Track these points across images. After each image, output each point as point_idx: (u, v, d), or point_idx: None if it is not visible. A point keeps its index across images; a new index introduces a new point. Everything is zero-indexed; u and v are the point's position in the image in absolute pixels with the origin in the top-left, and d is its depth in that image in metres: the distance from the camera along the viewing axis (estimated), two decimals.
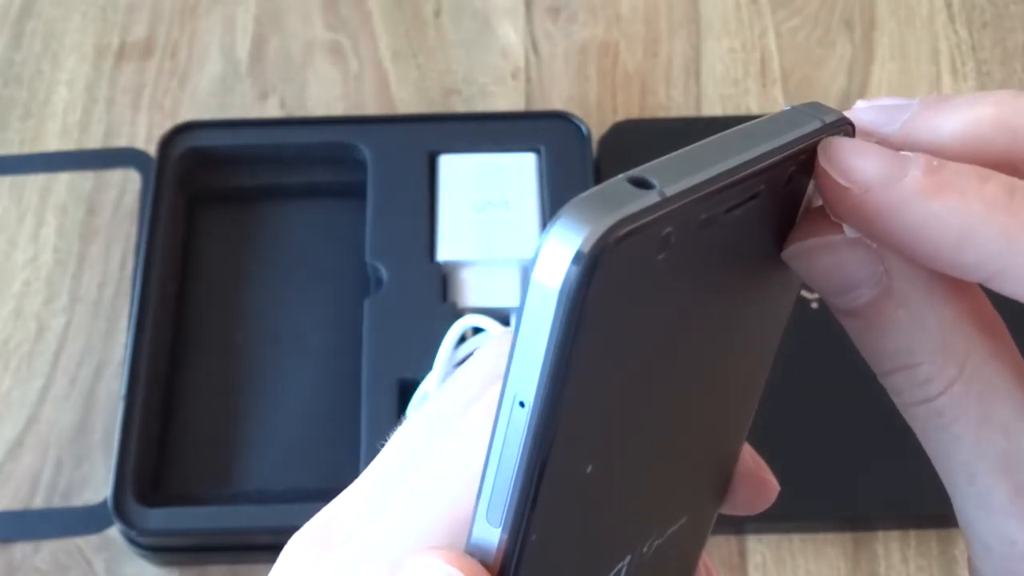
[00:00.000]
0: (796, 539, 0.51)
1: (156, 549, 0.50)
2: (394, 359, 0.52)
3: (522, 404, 0.17)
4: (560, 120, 0.59)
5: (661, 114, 0.63)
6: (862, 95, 0.64)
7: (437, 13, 0.67)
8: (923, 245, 0.19)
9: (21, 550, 0.51)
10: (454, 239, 0.55)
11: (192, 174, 0.59)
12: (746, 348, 0.23)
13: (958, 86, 0.64)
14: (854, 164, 0.20)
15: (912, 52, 0.65)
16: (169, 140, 0.58)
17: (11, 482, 0.53)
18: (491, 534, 0.19)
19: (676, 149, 0.19)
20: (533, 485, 0.18)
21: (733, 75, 0.64)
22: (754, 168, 0.18)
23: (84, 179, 0.61)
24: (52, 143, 0.62)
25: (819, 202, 0.21)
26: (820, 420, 0.51)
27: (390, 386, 0.51)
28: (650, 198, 0.16)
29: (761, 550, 0.51)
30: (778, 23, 0.66)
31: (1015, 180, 0.19)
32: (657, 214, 0.16)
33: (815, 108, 0.20)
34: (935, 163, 0.19)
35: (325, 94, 0.64)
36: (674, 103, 0.63)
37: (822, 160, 0.20)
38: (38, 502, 0.52)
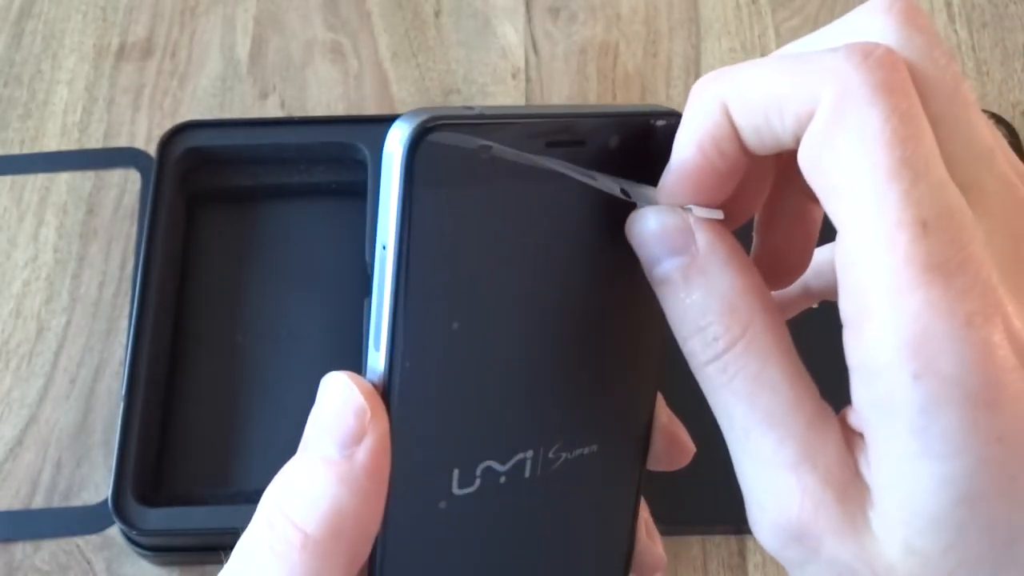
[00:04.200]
0: None
1: (156, 549, 0.50)
2: None
3: (384, 247, 0.23)
4: None
5: None
6: None
7: (437, 13, 0.67)
8: (707, 135, 0.24)
9: (21, 550, 0.51)
10: None
11: (192, 174, 0.59)
12: (618, 294, 0.27)
13: None
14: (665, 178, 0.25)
15: None
16: (169, 140, 0.58)
17: (11, 482, 0.53)
18: (374, 358, 0.23)
19: None
20: (399, 311, 0.23)
21: None
22: (563, 117, 0.25)
23: (84, 179, 0.61)
24: (52, 143, 0.62)
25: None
26: None
27: None
28: (468, 111, 0.23)
29: (761, 550, 0.51)
30: (778, 23, 0.66)
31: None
32: (469, 121, 0.23)
33: (656, 106, 0.27)
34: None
35: (325, 94, 0.64)
36: (674, 103, 0.63)
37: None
38: (38, 502, 0.52)
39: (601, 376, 0.27)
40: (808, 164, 0.22)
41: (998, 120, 0.62)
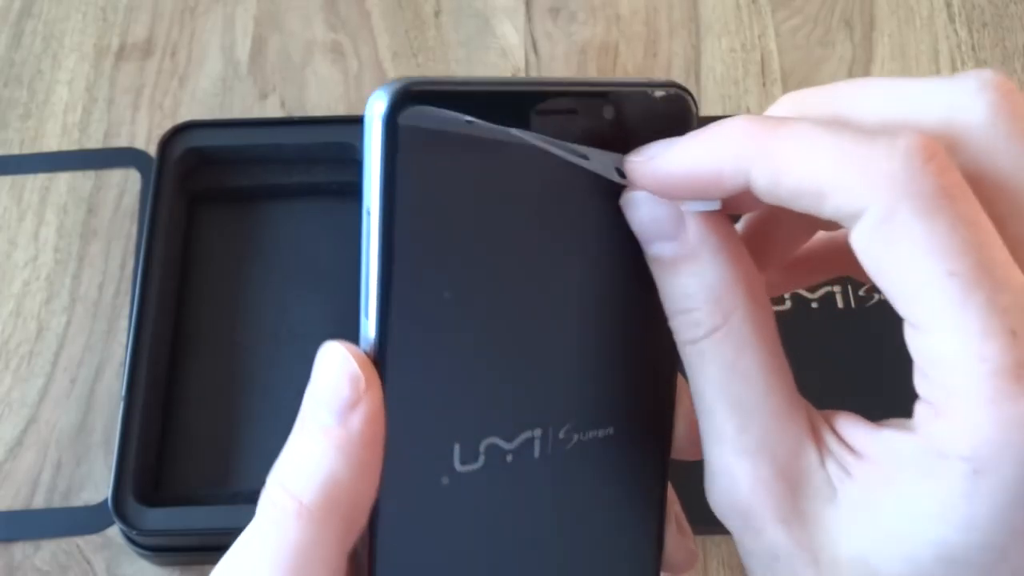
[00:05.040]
0: None
1: (156, 549, 0.50)
2: None
3: (368, 213, 0.23)
4: None
5: None
6: None
7: (437, 13, 0.67)
8: (699, 169, 0.24)
9: (21, 550, 0.51)
10: None
11: (192, 174, 0.59)
12: (627, 268, 0.26)
13: None
14: (643, 149, 0.25)
15: (912, 52, 0.65)
16: (169, 140, 0.58)
17: (11, 482, 0.53)
18: (365, 326, 0.24)
19: None
20: (384, 277, 0.23)
21: (733, 75, 0.64)
22: (553, 85, 0.25)
23: (84, 179, 0.61)
24: (52, 143, 0.62)
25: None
26: None
27: None
28: (450, 79, 0.23)
29: None
30: (778, 23, 0.66)
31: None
32: (451, 87, 0.23)
33: (657, 78, 0.26)
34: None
35: (325, 94, 0.64)
36: None
37: (628, 167, 0.25)
38: (38, 502, 0.52)
39: (613, 355, 0.27)
40: (869, 262, 0.22)
41: None
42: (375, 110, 0.23)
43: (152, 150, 0.59)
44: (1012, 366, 0.21)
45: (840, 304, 0.55)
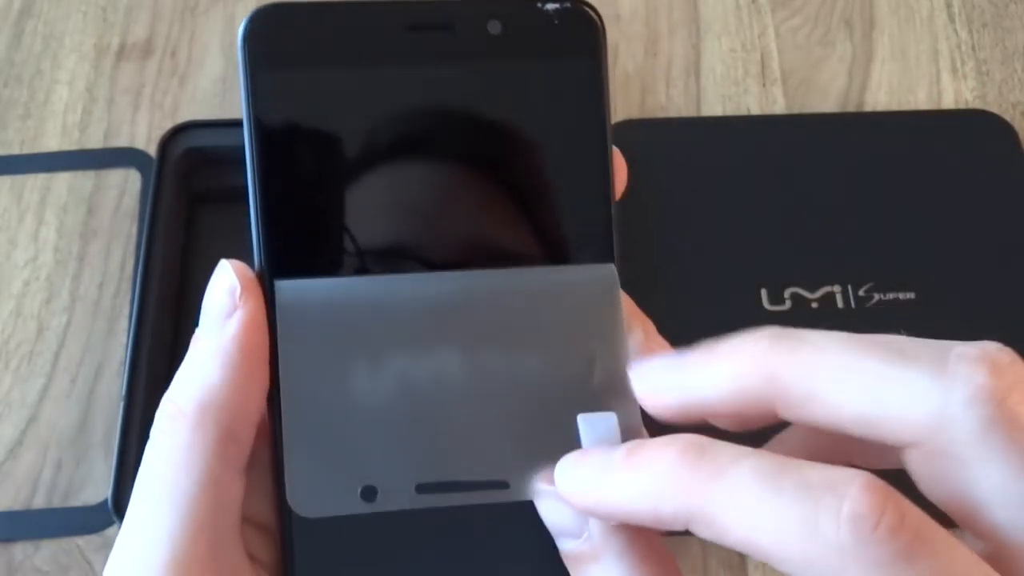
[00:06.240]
0: None
1: None
2: None
3: (243, 134, 0.25)
4: None
5: (661, 114, 0.63)
6: (862, 95, 0.64)
7: None
8: (634, 512, 0.22)
9: (21, 550, 0.51)
10: None
11: (192, 174, 0.59)
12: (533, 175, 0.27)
13: (958, 86, 0.64)
14: (574, 469, 0.24)
15: (912, 52, 0.65)
16: (169, 140, 0.58)
17: (11, 482, 0.53)
18: (253, 244, 0.25)
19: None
20: (261, 190, 0.25)
21: (733, 75, 0.64)
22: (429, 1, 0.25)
23: (84, 179, 0.61)
24: (52, 143, 0.62)
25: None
26: None
27: None
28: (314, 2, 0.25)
29: None
30: (778, 23, 0.66)
31: (694, 438, 0.22)
32: (306, 10, 0.24)
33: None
34: (635, 444, 0.23)
35: None
36: (674, 103, 0.63)
37: (556, 478, 0.24)
38: (38, 502, 0.52)
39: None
40: None
41: (998, 120, 0.62)
42: (239, 32, 0.25)
43: (152, 150, 0.59)
44: None
45: (840, 304, 0.55)
